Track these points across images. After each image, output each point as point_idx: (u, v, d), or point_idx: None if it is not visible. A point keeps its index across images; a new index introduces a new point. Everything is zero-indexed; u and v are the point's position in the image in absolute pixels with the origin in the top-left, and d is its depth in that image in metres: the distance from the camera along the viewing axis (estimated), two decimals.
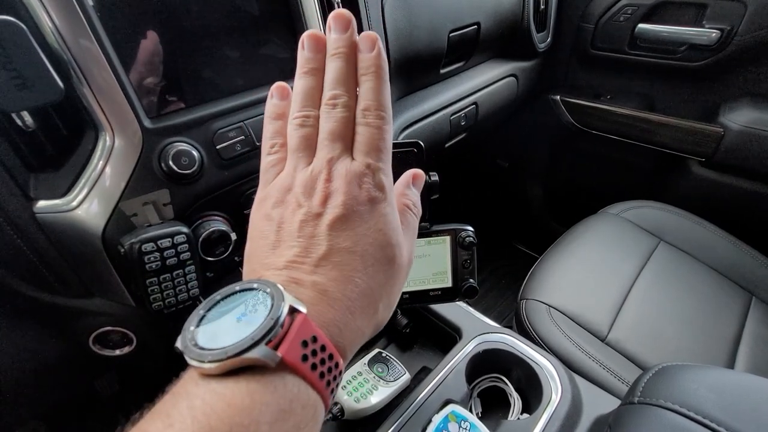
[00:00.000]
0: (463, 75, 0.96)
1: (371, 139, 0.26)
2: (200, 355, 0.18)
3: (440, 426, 0.50)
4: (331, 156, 0.25)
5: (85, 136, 0.39)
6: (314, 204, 0.24)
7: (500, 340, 0.61)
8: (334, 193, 0.24)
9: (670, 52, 1.02)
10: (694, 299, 0.80)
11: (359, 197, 0.24)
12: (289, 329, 0.19)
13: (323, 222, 0.24)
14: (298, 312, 0.20)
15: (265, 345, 0.19)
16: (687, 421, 0.35)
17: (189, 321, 0.20)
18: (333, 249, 0.23)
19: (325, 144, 0.26)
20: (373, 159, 0.26)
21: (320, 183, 0.25)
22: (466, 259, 0.46)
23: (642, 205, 1.01)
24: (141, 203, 0.40)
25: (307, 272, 0.23)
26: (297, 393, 0.19)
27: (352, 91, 0.27)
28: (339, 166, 0.25)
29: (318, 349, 0.20)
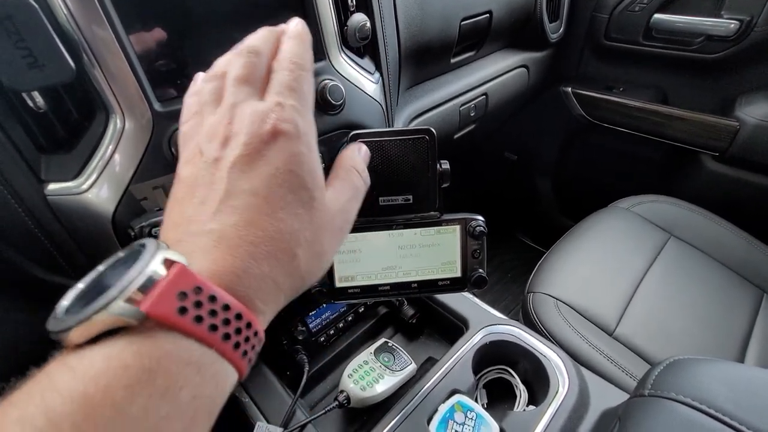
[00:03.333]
0: (474, 65, 0.95)
1: (284, 80, 0.24)
2: (56, 323, 0.17)
3: (446, 416, 0.50)
4: (234, 100, 0.24)
5: (95, 118, 0.39)
6: (214, 148, 0.22)
7: (507, 331, 0.61)
8: (236, 134, 0.22)
9: (686, 44, 1.00)
10: (704, 295, 0.80)
11: (263, 134, 0.22)
12: (158, 282, 0.17)
13: (222, 166, 0.22)
14: (175, 263, 0.18)
15: (126, 301, 0.16)
16: (699, 414, 0.34)
17: (63, 296, 0.19)
18: (231, 192, 0.21)
19: (230, 91, 0.24)
20: (284, 97, 0.23)
21: (221, 127, 0.23)
22: (476, 248, 0.46)
23: (653, 199, 0.99)
24: (151, 187, 0.40)
25: (203, 222, 0.21)
26: (172, 350, 0.17)
27: (269, 47, 0.26)
28: (244, 107, 0.23)
29: (205, 300, 0.18)
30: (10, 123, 0.36)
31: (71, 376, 0.16)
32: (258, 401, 0.54)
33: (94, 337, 0.17)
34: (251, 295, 0.20)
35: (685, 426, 0.34)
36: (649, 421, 0.35)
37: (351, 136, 0.41)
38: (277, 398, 0.54)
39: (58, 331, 0.17)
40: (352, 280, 0.45)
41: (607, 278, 0.81)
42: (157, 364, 0.16)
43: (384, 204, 0.43)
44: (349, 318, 0.68)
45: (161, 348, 0.17)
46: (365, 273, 0.45)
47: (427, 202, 0.43)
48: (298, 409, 0.52)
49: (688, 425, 0.34)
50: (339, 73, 0.54)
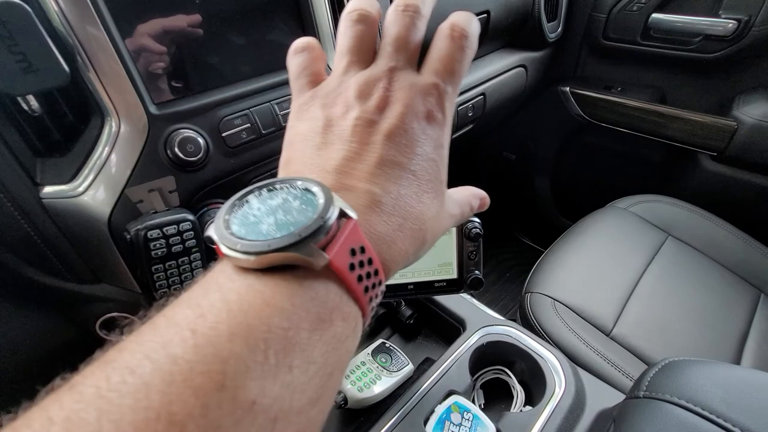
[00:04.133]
0: (472, 65, 0.94)
1: (449, 56, 0.23)
2: (239, 244, 0.16)
3: (443, 416, 0.50)
4: (394, 64, 0.22)
5: (91, 121, 0.39)
6: (370, 107, 0.21)
7: (504, 332, 0.61)
8: (394, 101, 0.21)
9: (684, 43, 1.00)
10: (702, 295, 0.80)
11: (419, 112, 0.22)
12: (338, 233, 0.17)
13: (379, 130, 0.21)
14: (348, 218, 0.18)
15: (314, 245, 0.16)
16: (693, 416, 0.34)
17: (222, 210, 0.18)
18: (390, 160, 0.21)
19: (387, 51, 0.23)
20: (443, 81, 0.22)
21: (379, 89, 0.22)
22: (472, 250, 0.46)
23: (650, 199, 1.00)
24: (147, 190, 0.40)
25: (360, 179, 0.20)
26: (339, 303, 0.17)
27: (427, 7, 0.24)
28: (402, 77, 0.22)
29: (366, 261, 0.18)
30: (5, 127, 0.36)
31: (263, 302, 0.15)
32: None
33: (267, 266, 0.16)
34: (392, 265, 0.20)
35: (679, 428, 0.34)
36: (644, 423, 0.35)
37: None
38: None
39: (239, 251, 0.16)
40: None
41: (605, 278, 0.82)
42: (329, 315, 0.17)
43: None
44: None
45: (333, 300, 0.17)
46: None
47: None
48: None
49: (683, 427, 0.34)
50: None
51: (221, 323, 0.14)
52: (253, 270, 0.16)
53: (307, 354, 0.16)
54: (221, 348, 0.14)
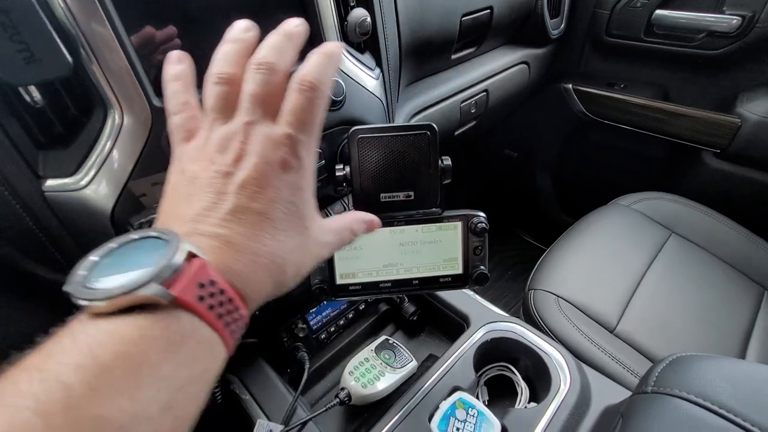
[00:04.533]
0: (474, 61, 0.94)
1: (299, 108, 0.25)
2: (89, 293, 0.18)
3: (448, 412, 0.50)
4: (249, 119, 0.25)
5: (93, 114, 0.38)
6: (227, 161, 0.24)
7: (508, 328, 0.61)
8: (249, 154, 0.24)
9: (688, 40, 1.00)
10: (705, 292, 0.79)
11: (272, 161, 0.24)
12: (184, 271, 0.20)
13: (234, 181, 0.24)
14: (196, 257, 0.20)
15: (158, 284, 0.19)
16: (702, 411, 0.34)
17: (79, 265, 0.20)
18: (241, 207, 0.23)
19: (244, 107, 0.25)
20: (296, 130, 0.25)
21: (235, 143, 0.24)
22: (478, 245, 0.45)
23: (654, 196, 0.99)
24: (150, 183, 0.40)
25: (213, 225, 0.23)
26: (191, 329, 0.20)
27: (287, 61, 0.26)
28: (257, 130, 0.25)
29: (216, 291, 0.21)
30: (7, 118, 0.36)
31: (111, 338, 0.18)
32: (259, 399, 0.54)
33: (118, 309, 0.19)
34: (246, 292, 0.23)
35: (688, 422, 0.34)
36: (652, 418, 0.35)
37: (352, 132, 0.40)
38: (277, 396, 0.54)
39: (89, 300, 0.18)
40: (353, 277, 0.44)
41: (608, 275, 0.81)
42: (180, 339, 0.19)
43: (385, 200, 0.43)
44: (349, 315, 0.68)
45: (184, 327, 0.20)
46: (366, 270, 0.44)
47: (429, 198, 0.43)
48: (299, 407, 0.52)
49: (691, 422, 0.34)
50: (339, 69, 0.54)
51: (68, 359, 0.17)
52: (105, 314, 0.19)
53: (156, 371, 0.18)
54: (66, 377, 0.16)
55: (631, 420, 0.36)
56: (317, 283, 0.43)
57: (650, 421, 0.35)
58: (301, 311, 0.64)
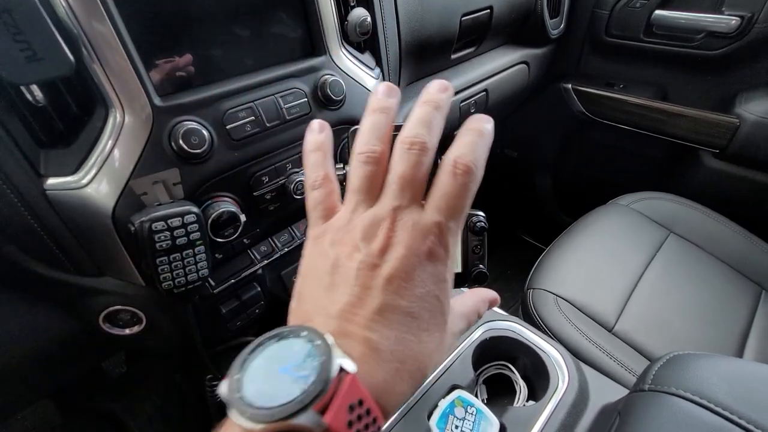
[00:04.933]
0: (474, 61, 0.95)
1: (452, 195, 0.23)
2: (247, 413, 0.18)
3: (447, 410, 0.50)
4: (397, 204, 0.23)
5: (95, 113, 0.39)
6: (373, 251, 0.23)
7: (507, 327, 0.61)
8: (396, 244, 0.23)
9: (687, 40, 1.00)
10: (703, 292, 0.80)
11: (420, 252, 0.23)
12: (337, 391, 0.19)
13: (380, 274, 0.22)
14: (346, 372, 0.19)
15: (313, 409, 0.18)
16: (699, 409, 0.34)
17: (234, 365, 0.20)
18: (388, 305, 0.22)
19: (392, 189, 0.24)
20: (446, 218, 0.23)
21: (382, 230, 0.23)
22: (477, 244, 0.45)
23: (652, 196, 1.00)
24: (151, 182, 0.40)
25: (360, 325, 0.22)
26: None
27: (436, 137, 0.24)
28: (405, 216, 0.23)
29: (363, 413, 0.20)
30: (9, 117, 0.36)
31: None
32: None
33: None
34: (388, 408, 0.22)
35: (685, 420, 0.34)
36: (650, 416, 0.35)
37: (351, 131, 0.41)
38: None
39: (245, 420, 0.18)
40: None
41: (607, 275, 0.82)
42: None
43: None
44: None
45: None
46: None
47: None
48: None
49: (688, 419, 0.34)
50: (339, 69, 0.54)
51: None
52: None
53: None
54: None
55: (628, 418, 0.37)
56: None
57: (647, 418, 0.35)
58: None
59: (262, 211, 0.51)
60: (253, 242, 0.53)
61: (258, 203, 0.50)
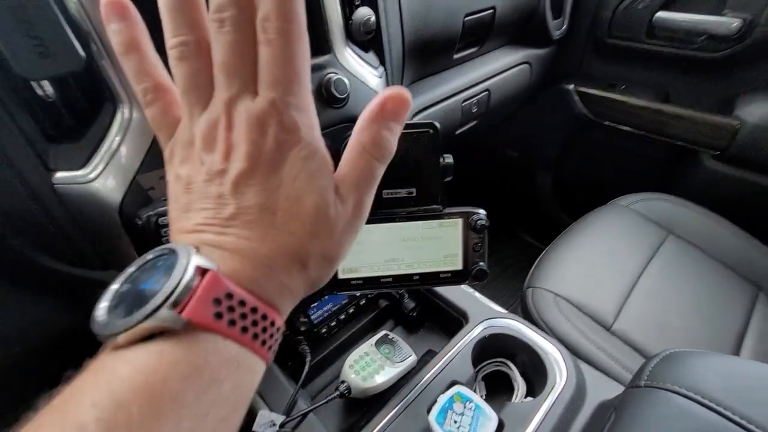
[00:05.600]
0: (477, 61, 0.95)
1: (274, 63, 0.20)
2: (106, 328, 0.18)
3: (445, 406, 0.51)
4: (228, 96, 0.21)
5: (103, 108, 0.39)
6: (216, 159, 0.21)
7: (506, 325, 0.62)
8: (237, 144, 0.21)
9: (689, 42, 1.00)
10: (701, 292, 0.80)
11: (264, 145, 0.21)
12: (195, 289, 0.19)
13: (227, 179, 0.21)
14: (208, 270, 0.19)
15: (170, 309, 0.18)
16: (694, 405, 0.35)
17: (101, 297, 0.20)
18: (241, 208, 0.21)
19: (219, 81, 0.21)
20: (279, 92, 0.21)
21: (220, 133, 0.21)
22: (477, 242, 0.46)
23: (652, 197, 1.00)
24: (158, 177, 0.41)
25: (216, 233, 0.21)
26: (213, 349, 0.19)
27: (250, 10, 0.20)
28: (239, 108, 0.21)
29: (235, 304, 0.19)
30: (20, 111, 0.37)
31: (131, 369, 0.18)
32: (261, 391, 0.55)
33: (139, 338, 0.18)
34: (270, 298, 0.21)
35: (680, 416, 0.35)
36: (645, 411, 0.36)
37: None
38: (279, 388, 0.55)
39: (107, 335, 0.18)
40: (355, 272, 0.45)
41: (606, 274, 0.82)
42: (203, 360, 0.19)
43: (387, 197, 0.44)
44: (350, 310, 0.68)
45: (204, 348, 0.19)
46: (368, 265, 0.45)
47: (430, 195, 0.44)
48: (300, 399, 0.53)
49: (683, 415, 0.35)
50: (343, 67, 0.54)
51: (86, 398, 0.17)
52: (124, 345, 0.18)
53: (177, 400, 0.17)
54: (84, 418, 0.16)
55: (624, 413, 0.37)
56: None
57: (642, 414, 0.36)
58: (303, 306, 0.65)
59: None
60: None
61: None
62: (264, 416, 0.50)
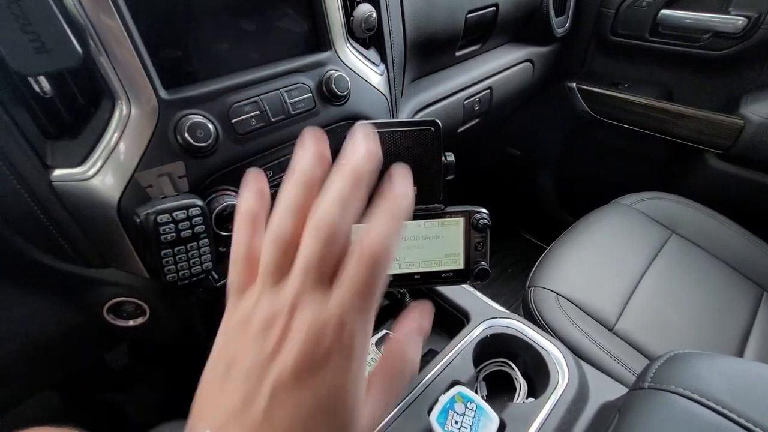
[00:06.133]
0: (479, 59, 0.94)
1: (360, 281, 0.21)
2: None
3: (446, 406, 0.51)
4: (298, 291, 0.22)
5: (101, 105, 0.39)
6: (266, 349, 0.21)
7: (508, 325, 0.61)
8: (290, 344, 0.21)
9: (693, 40, 1.00)
10: (705, 292, 0.80)
11: (316, 354, 0.21)
12: None
13: (270, 375, 0.21)
14: None
15: None
16: (699, 407, 0.35)
17: None
18: (273, 409, 0.21)
19: (296, 273, 0.22)
20: (351, 312, 0.21)
21: (278, 325, 0.21)
22: (479, 241, 0.46)
23: (655, 196, 0.99)
24: (156, 175, 0.40)
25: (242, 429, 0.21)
26: None
27: (351, 218, 0.22)
28: (306, 308, 0.21)
29: None
30: (17, 108, 0.36)
31: None
32: None
33: None
34: None
35: (685, 418, 0.34)
36: (649, 413, 0.36)
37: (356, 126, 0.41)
38: None
39: None
40: None
41: (609, 274, 0.82)
42: None
43: None
44: None
45: None
46: None
47: (432, 194, 0.44)
48: None
49: (688, 417, 0.34)
50: (344, 64, 0.54)
51: None
52: None
53: None
54: None
55: (627, 415, 0.37)
56: None
57: (647, 416, 0.35)
58: None
59: None
60: None
61: None
62: None
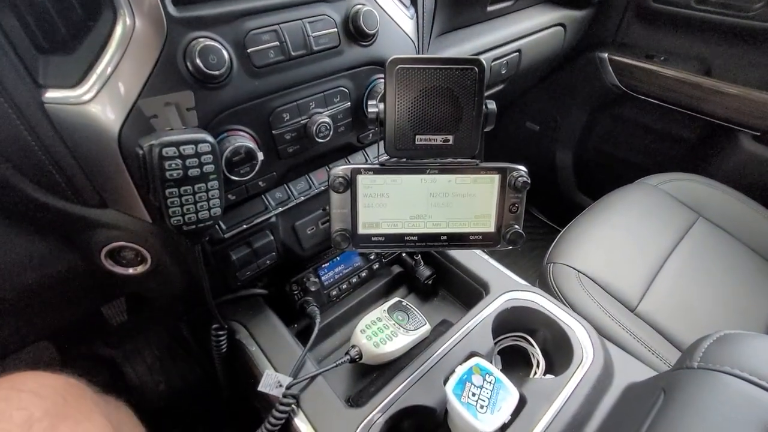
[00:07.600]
0: (509, 18, 0.88)
1: None
2: None
3: (464, 377, 0.48)
4: None
5: (101, 17, 0.34)
6: None
7: (530, 298, 0.58)
8: None
9: (743, 9, 0.92)
10: (730, 278, 0.76)
11: None
12: None
13: None
14: None
15: None
16: (755, 389, 0.31)
17: None
18: None
19: None
20: None
21: None
22: (515, 202, 0.41)
23: (683, 177, 0.94)
24: (162, 103, 0.36)
25: None
26: None
27: None
28: None
29: None
30: (6, 16, 0.32)
31: None
32: (266, 351, 0.52)
33: None
34: None
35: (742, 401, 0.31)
36: (700, 394, 0.32)
37: (390, 61, 0.36)
38: (286, 349, 0.52)
39: None
40: (377, 227, 0.41)
41: (632, 254, 0.78)
42: None
43: (420, 143, 0.39)
44: (363, 274, 0.65)
45: None
46: (392, 220, 0.41)
47: (468, 145, 0.39)
48: (308, 361, 0.50)
49: (743, 399, 0.31)
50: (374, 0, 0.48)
51: None
52: None
53: None
54: None
55: (675, 394, 0.34)
56: (339, 230, 0.39)
57: (698, 396, 0.32)
58: (313, 265, 0.61)
59: (280, 152, 0.47)
60: (268, 187, 0.49)
61: (277, 143, 0.45)
62: (270, 376, 0.47)
